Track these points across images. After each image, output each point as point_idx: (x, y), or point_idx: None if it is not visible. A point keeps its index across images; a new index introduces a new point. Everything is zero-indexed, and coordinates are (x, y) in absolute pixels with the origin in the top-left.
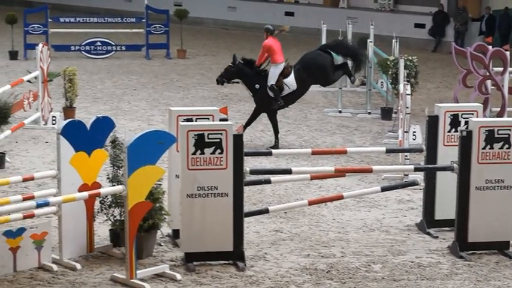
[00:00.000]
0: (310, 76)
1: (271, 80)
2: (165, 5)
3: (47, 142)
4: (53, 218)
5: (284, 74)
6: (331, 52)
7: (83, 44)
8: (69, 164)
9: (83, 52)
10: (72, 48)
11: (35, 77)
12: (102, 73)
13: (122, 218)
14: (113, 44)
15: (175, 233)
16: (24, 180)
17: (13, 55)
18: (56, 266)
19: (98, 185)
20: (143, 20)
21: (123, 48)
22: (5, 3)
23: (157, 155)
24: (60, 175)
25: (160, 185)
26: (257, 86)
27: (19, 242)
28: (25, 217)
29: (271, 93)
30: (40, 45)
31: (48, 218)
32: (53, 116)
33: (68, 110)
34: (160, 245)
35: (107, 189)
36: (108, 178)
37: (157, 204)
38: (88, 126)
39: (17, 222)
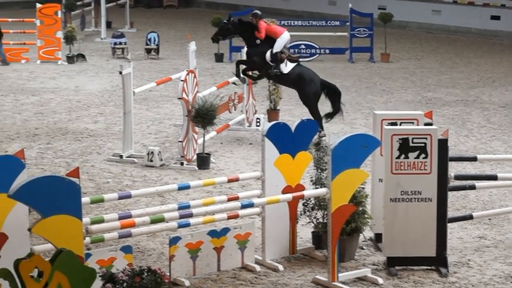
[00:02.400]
0: (299, 79)
1: (277, 47)
2: (370, 8)
3: (251, 144)
4: (256, 219)
5: (291, 58)
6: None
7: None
8: (274, 166)
9: None
10: None
11: None
12: None
13: (325, 221)
14: (317, 47)
15: (378, 237)
16: (229, 181)
17: (218, 57)
18: (258, 267)
19: (301, 187)
20: (347, 24)
21: (327, 51)
22: (212, 7)
23: (361, 159)
24: (264, 177)
25: (363, 188)
26: (258, 41)
27: (223, 242)
28: (229, 217)
29: (271, 59)
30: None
31: (251, 219)
32: (257, 118)
33: (272, 112)
34: (363, 249)
35: (310, 191)
36: (311, 181)
37: (360, 208)
38: (292, 128)
39: (221, 223)
